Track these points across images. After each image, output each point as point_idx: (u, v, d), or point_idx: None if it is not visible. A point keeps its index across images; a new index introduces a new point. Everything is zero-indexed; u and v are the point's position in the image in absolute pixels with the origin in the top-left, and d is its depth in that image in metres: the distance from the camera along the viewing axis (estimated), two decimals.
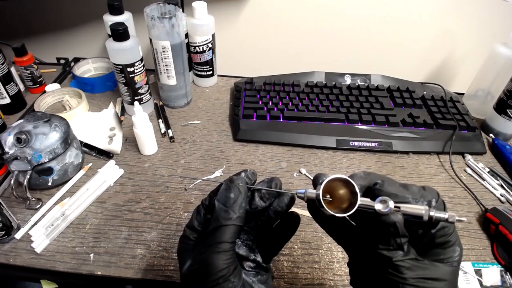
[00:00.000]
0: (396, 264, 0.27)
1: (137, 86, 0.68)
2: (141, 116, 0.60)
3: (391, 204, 0.27)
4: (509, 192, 0.61)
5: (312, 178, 0.35)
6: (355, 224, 0.32)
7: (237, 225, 0.29)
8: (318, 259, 0.50)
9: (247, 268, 0.33)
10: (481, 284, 0.48)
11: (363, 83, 0.80)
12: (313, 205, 0.31)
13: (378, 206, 0.27)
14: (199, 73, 0.81)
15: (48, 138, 0.54)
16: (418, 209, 0.27)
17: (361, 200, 0.28)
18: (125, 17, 0.74)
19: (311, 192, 0.30)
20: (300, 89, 0.78)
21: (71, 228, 0.53)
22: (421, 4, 0.87)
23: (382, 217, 0.27)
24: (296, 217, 0.35)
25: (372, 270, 0.30)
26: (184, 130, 0.72)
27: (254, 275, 0.33)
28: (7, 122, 0.70)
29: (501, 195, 0.60)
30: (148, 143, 0.64)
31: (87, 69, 0.85)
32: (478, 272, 0.50)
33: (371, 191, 0.29)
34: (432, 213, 0.26)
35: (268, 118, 0.71)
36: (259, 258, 0.34)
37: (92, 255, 0.49)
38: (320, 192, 0.28)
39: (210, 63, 0.80)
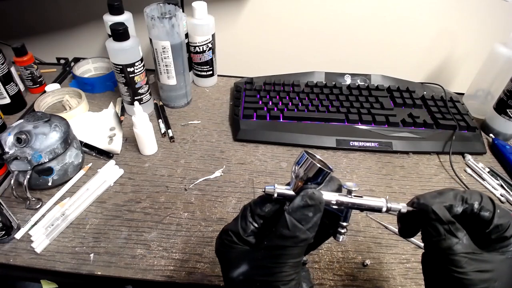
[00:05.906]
0: (454, 259, 0.28)
1: (137, 86, 0.68)
2: (141, 116, 0.61)
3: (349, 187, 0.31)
4: (509, 192, 0.61)
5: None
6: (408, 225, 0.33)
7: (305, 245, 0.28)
8: (318, 259, 0.50)
9: None
10: None
11: (363, 83, 0.80)
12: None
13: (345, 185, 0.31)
14: (199, 73, 0.81)
15: (48, 138, 0.54)
16: (379, 201, 0.31)
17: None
18: (125, 17, 0.74)
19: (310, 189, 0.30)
20: (300, 89, 0.78)
21: (71, 228, 0.53)
22: (421, 4, 0.87)
23: (420, 207, 0.30)
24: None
25: (434, 264, 0.31)
26: (184, 130, 0.72)
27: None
28: (7, 122, 0.70)
29: (501, 195, 0.60)
30: (148, 143, 0.64)
31: (87, 69, 0.85)
32: None
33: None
34: (389, 205, 0.31)
35: (268, 118, 0.71)
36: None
37: (92, 255, 0.49)
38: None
39: (210, 63, 0.80)
